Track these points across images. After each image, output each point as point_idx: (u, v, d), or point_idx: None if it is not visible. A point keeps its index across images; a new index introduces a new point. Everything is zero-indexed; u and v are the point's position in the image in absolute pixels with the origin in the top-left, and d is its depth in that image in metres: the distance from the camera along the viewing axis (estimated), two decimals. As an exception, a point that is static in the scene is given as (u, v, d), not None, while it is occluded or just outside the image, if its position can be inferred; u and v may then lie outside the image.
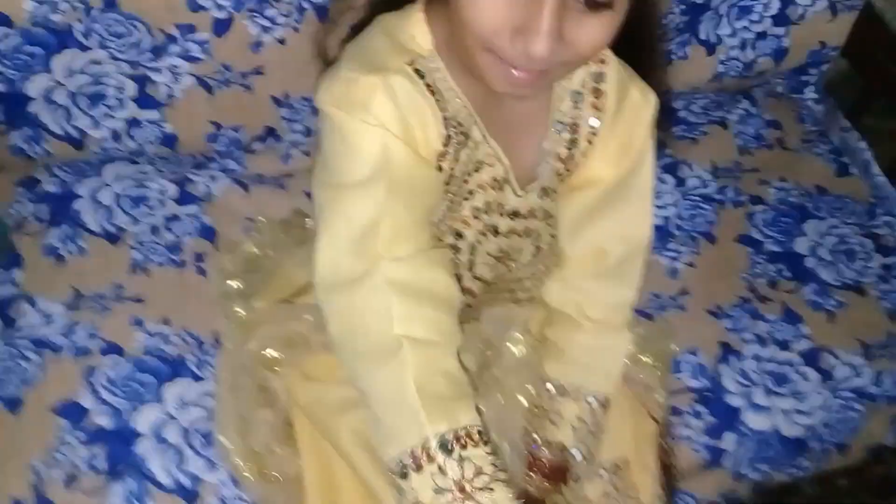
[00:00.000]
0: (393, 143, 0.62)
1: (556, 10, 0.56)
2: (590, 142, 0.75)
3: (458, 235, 0.77)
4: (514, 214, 0.77)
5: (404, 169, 0.63)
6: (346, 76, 0.63)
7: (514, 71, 0.60)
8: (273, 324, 0.83)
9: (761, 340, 0.99)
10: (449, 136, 0.67)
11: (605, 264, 0.80)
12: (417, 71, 0.65)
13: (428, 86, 0.65)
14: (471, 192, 0.73)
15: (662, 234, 1.08)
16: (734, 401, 0.94)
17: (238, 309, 0.86)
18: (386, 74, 0.63)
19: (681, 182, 1.14)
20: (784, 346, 0.99)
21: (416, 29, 0.66)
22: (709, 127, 1.21)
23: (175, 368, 0.87)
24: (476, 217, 0.75)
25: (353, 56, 0.67)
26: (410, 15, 0.67)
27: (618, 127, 0.75)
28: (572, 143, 0.75)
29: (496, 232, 0.77)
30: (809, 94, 1.28)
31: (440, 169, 0.68)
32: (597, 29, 0.59)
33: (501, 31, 0.58)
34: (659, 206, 1.10)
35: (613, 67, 0.73)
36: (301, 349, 0.82)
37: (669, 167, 1.15)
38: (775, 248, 1.08)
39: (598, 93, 0.73)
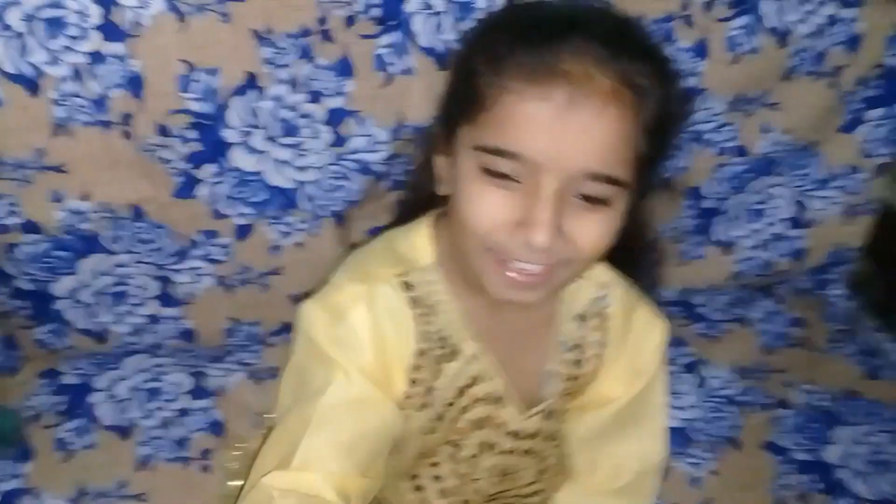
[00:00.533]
0: (352, 381, 0.65)
1: (555, 202, 0.59)
2: (595, 364, 0.77)
3: (457, 447, 0.78)
4: (515, 434, 0.77)
5: (349, 405, 0.65)
6: (334, 282, 0.69)
7: (513, 274, 0.62)
8: None
9: (789, 561, 0.93)
10: (423, 351, 0.69)
11: (617, 483, 0.80)
12: (406, 283, 0.69)
13: (413, 299, 0.68)
14: (466, 406, 0.75)
15: (682, 438, 1.05)
16: None
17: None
18: (371, 284, 0.67)
19: (701, 382, 1.12)
20: (814, 568, 0.92)
21: (419, 241, 0.71)
22: (730, 325, 1.21)
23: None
24: (473, 431, 0.77)
25: (347, 264, 0.72)
26: (417, 227, 0.72)
27: (625, 349, 0.77)
28: (577, 364, 0.77)
29: (494, 450, 0.78)
30: (835, 291, 1.28)
31: (413, 382, 0.70)
32: (595, 225, 0.62)
33: (501, 227, 0.61)
34: (678, 408, 1.08)
35: (618, 291, 0.76)
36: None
37: (690, 366, 1.14)
38: (804, 457, 1.04)
39: (602, 316, 0.76)
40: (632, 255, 0.78)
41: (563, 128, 0.58)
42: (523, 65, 0.59)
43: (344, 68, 0.86)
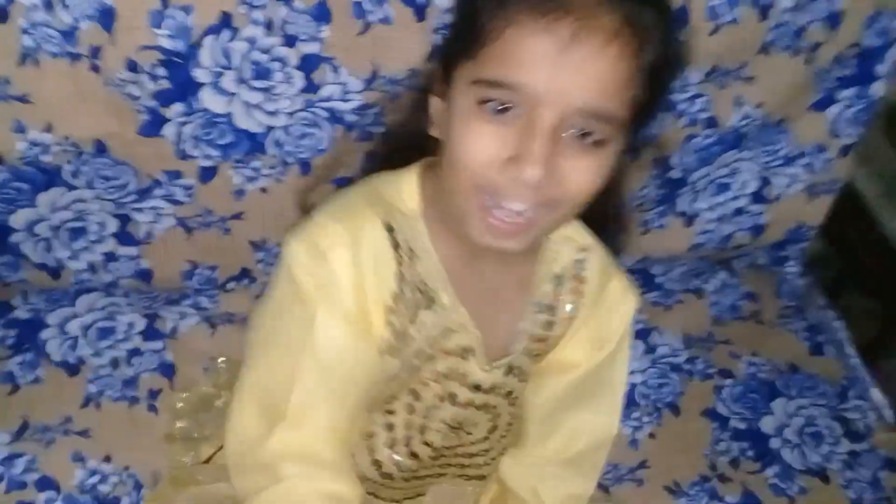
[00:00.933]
0: (335, 326, 0.69)
1: (551, 137, 0.62)
2: (565, 327, 0.80)
3: (416, 396, 0.82)
4: (476, 387, 0.81)
5: (337, 352, 0.69)
6: (316, 220, 0.71)
7: (497, 221, 0.65)
8: (198, 486, 0.88)
9: (717, 524, 1.03)
10: (401, 294, 0.72)
11: (568, 453, 0.84)
12: (388, 226, 0.71)
13: (394, 240, 0.71)
14: (433, 357, 0.78)
15: (627, 401, 1.12)
16: (685, 587, 0.97)
17: (180, 454, 0.91)
18: (354, 222, 0.70)
19: (651, 349, 1.20)
20: (741, 531, 1.02)
21: (405, 186, 0.74)
22: (684, 295, 1.28)
23: (109, 510, 0.90)
24: (436, 381, 0.80)
25: (330, 204, 0.74)
26: (403, 174, 0.75)
27: (595, 316, 0.81)
28: (548, 326, 0.80)
29: (454, 401, 0.82)
30: (790, 268, 1.36)
31: (390, 325, 0.73)
32: (587, 167, 0.65)
33: (493, 162, 0.63)
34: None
35: (597, 256, 0.80)
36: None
37: (641, 333, 1.21)
38: (740, 426, 1.13)
39: (579, 279, 0.80)
40: (600, 220, 0.83)
41: (565, 62, 0.61)
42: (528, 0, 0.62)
43: (321, 13, 0.88)
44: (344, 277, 0.69)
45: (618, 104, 0.64)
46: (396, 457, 0.86)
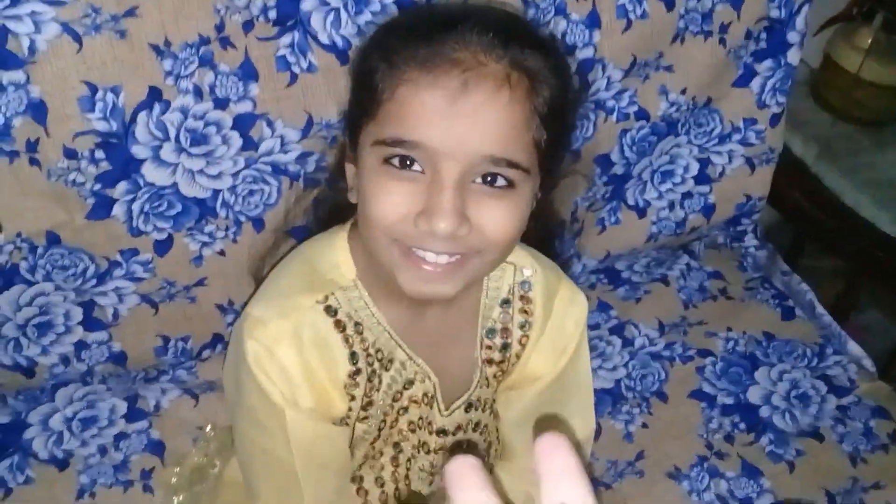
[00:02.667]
0: (302, 421, 0.72)
1: (457, 189, 0.63)
2: (522, 344, 0.82)
3: (398, 448, 0.84)
4: (442, 432, 0.83)
5: (312, 442, 0.73)
6: (259, 315, 0.72)
7: (425, 267, 0.65)
8: None
9: (723, 500, 1.03)
10: (357, 370, 0.74)
11: None
12: (329, 308, 0.73)
13: (338, 322, 0.73)
14: (405, 408, 0.80)
15: (614, 397, 1.14)
16: (700, 567, 0.97)
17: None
18: (294, 315, 0.71)
19: (628, 342, 1.21)
20: (747, 502, 1.03)
21: (339, 257, 0.75)
22: (651, 285, 1.30)
23: None
24: (412, 431, 0.82)
25: (268, 292, 0.76)
26: (334, 242, 0.76)
27: (549, 328, 0.82)
28: (505, 347, 0.82)
29: (427, 450, 0.84)
30: (750, 241, 1.39)
31: (352, 398, 0.75)
32: (501, 211, 0.66)
33: (404, 218, 0.64)
34: (608, 369, 1.17)
35: (539, 275, 0.81)
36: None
37: (616, 329, 1.23)
38: (728, 401, 1.15)
39: (526, 300, 0.81)
40: (549, 234, 0.85)
41: (457, 112, 0.62)
42: (415, 56, 0.64)
43: (247, 72, 0.90)
44: (294, 372, 0.71)
45: (518, 148, 0.65)
46: None
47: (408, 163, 0.64)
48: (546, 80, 0.66)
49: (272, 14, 0.88)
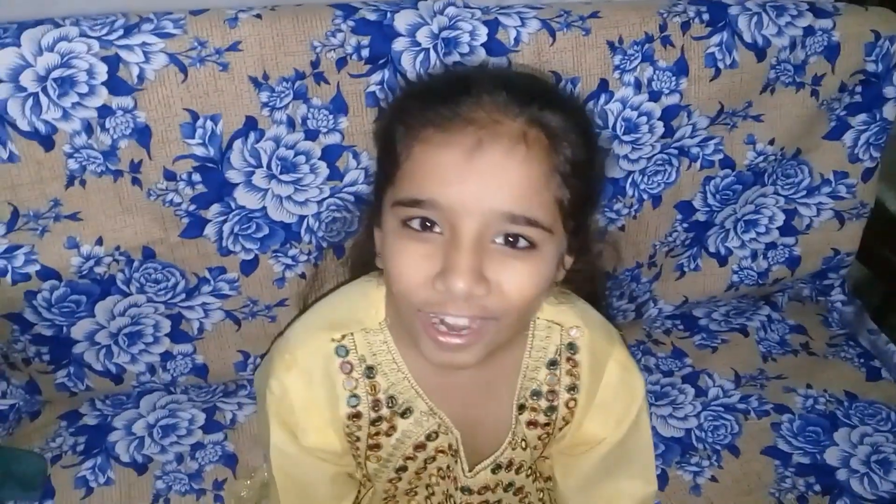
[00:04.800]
0: (283, 439, 0.76)
1: (474, 247, 0.61)
2: (569, 408, 0.80)
3: (430, 490, 0.84)
4: (466, 490, 0.82)
5: (288, 460, 0.77)
6: (284, 343, 0.76)
7: (442, 337, 0.64)
8: None
9: (791, 562, 0.99)
10: (356, 413, 0.76)
11: None
12: (341, 347, 0.74)
13: (345, 363, 0.74)
14: (433, 457, 0.80)
15: (683, 447, 1.11)
16: None
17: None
18: (309, 349, 0.74)
19: (701, 392, 1.19)
20: (816, 567, 0.99)
21: (373, 300, 0.76)
22: (730, 335, 1.27)
23: None
24: (442, 478, 0.82)
25: (302, 320, 0.79)
26: (373, 287, 0.77)
27: (601, 391, 0.80)
28: (550, 411, 0.80)
29: (454, 502, 0.83)
30: (837, 296, 1.34)
31: (357, 438, 0.77)
32: (521, 272, 0.64)
33: (425, 280, 0.63)
34: (679, 419, 1.15)
35: (587, 337, 0.79)
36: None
37: (689, 377, 1.20)
38: (804, 460, 1.10)
39: (572, 362, 0.79)
40: (593, 296, 0.84)
41: (472, 169, 0.61)
42: (432, 117, 0.64)
43: (338, 106, 0.94)
44: (296, 399, 0.74)
45: (537, 207, 0.63)
46: None
47: (427, 224, 0.64)
48: (567, 138, 0.65)
49: (365, 52, 0.92)
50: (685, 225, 1.18)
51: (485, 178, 0.62)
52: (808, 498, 1.06)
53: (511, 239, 0.63)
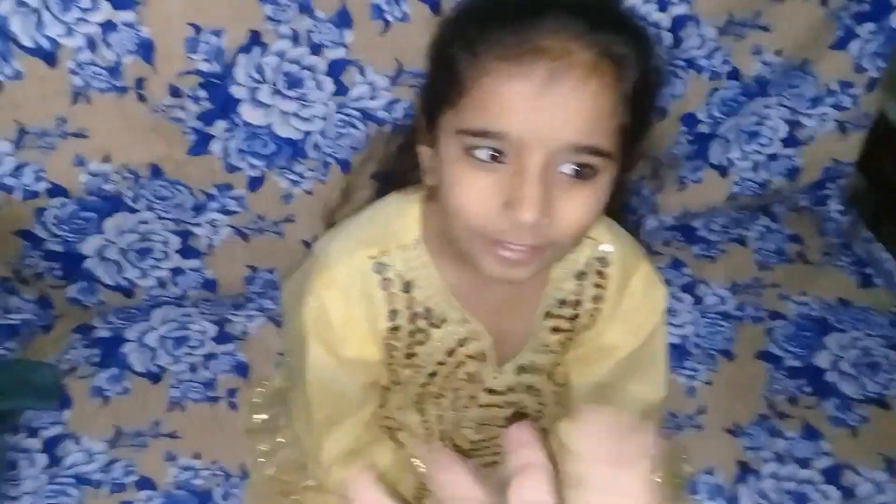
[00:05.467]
0: (322, 354, 0.76)
1: (541, 178, 0.61)
2: (592, 316, 0.82)
3: (456, 394, 0.86)
4: (491, 391, 0.85)
5: (325, 372, 0.78)
6: (323, 260, 0.76)
7: (504, 252, 0.65)
8: (290, 448, 0.94)
9: (780, 458, 1.04)
10: (396, 327, 0.77)
11: None
12: (380, 264, 0.75)
13: (385, 280, 0.75)
14: (462, 362, 0.82)
15: (680, 352, 1.14)
16: (754, 523, 0.99)
17: (260, 444, 0.96)
18: (347, 266, 0.75)
19: (698, 300, 1.21)
20: (804, 463, 1.03)
21: (408, 216, 0.76)
22: (727, 245, 1.29)
23: (203, 501, 0.97)
24: (469, 382, 0.84)
25: (337, 237, 0.79)
26: (407, 202, 0.77)
27: (625, 303, 0.81)
28: (573, 318, 0.82)
29: (477, 403, 0.86)
30: (833, 206, 1.35)
31: (394, 348, 0.79)
32: (582, 200, 0.64)
33: (488, 211, 0.63)
34: (676, 325, 1.18)
35: (616, 252, 0.80)
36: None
37: (687, 286, 1.23)
38: (795, 364, 1.14)
39: (601, 275, 0.80)
40: (624, 208, 0.84)
41: (544, 103, 0.60)
42: (500, 45, 0.61)
43: (342, 19, 0.92)
44: (335, 316, 0.75)
45: (604, 136, 0.63)
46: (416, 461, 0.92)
47: (492, 154, 0.63)
48: (633, 65, 0.64)
49: (370, -38, 0.89)
50: (689, 137, 1.18)
51: (555, 111, 0.61)
52: (799, 399, 1.10)
53: (573, 166, 0.63)
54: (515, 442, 0.37)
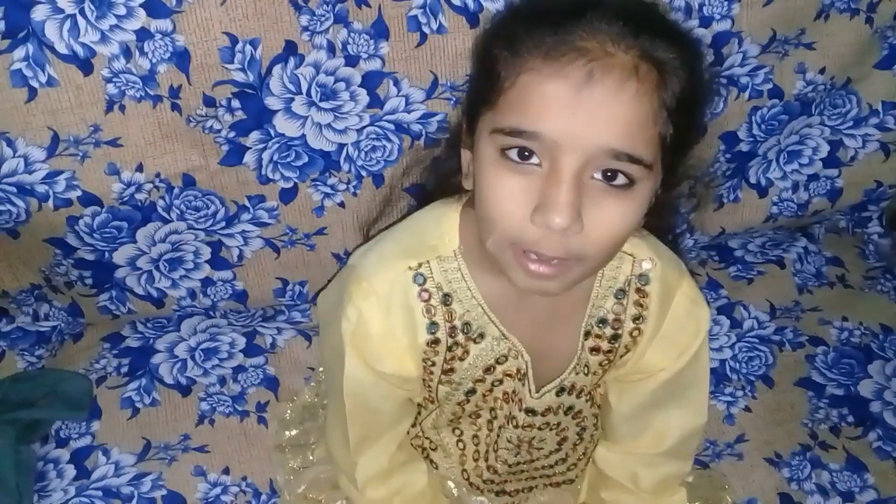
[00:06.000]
0: (359, 368, 0.74)
1: (575, 183, 0.59)
2: (633, 337, 0.79)
3: (493, 413, 0.84)
4: (530, 412, 0.82)
5: (362, 387, 0.75)
6: (360, 272, 0.74)
7: (532, 266, 0.63)
8: (321, 466, 0.92)
9: (823, 491, 0.99)
10: (436, 340, 0.75)
11: (660, 448, 0.84)
12: (419, 276, 0.73)
13: (424, 291, 0.73)
14: (500, 380, 0.79)
15: (718, 377, 1.11)
16: (796, 557, 0.95)
17: (291, 461, 0.94)
18: (387, 278, 0.72)
19: (736, 324, 1.17)
20: (849, 497, 0.99)
21: (446, 227, 0.74)
22: (766, 266, 1.25)
23: (232, 519, 0.95)
24: (506, 402, 0.82)
25: (374, 249, 0.77)
26: (446, 212, 0.75)
27: (667, 324, 0.79)
28: (614, 338, 0.79)
29: (515, 424, 0.83)
30: (874, 228, 1.31)
31: (432, 363, 0.76)
32: (616, 211, 0.62)
33: (522, 215, 0.61)
34: (714, 349, 1.14)
35: (659, 270, 0.77)
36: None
37: (724, 308, 1.19)
38: (838, 392, 1.10)
39: (642, 293, 0.78)
40: (669, 230, 0.82)
41: (581, 104, 0.58)
42: (540, 44, 0.60)
43: (379, 30, 0.90)
44: (373, 327, 0.72)
45: (642, 143, 0.60)
46: (451, 483, 0.90)
47: (526, 154, 0.61)
48: (677, 73, 0.62)
49: (408, -26, 0.88)
50: (728, 155, 1.14)
51: (592, 113, 0.59)
52: (841, 429, 1.06)
53: (610, 174, 0.61)
54: None
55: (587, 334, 0.78)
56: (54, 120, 0.87)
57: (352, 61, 0.91)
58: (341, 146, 0.97)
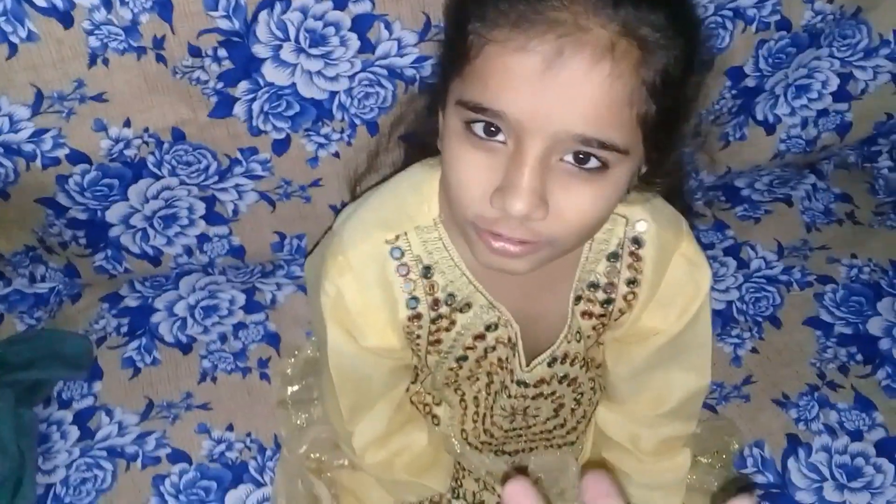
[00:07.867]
0: (343, 341, 0.73)
1: (538, 167, 0.55)
2: (627, 301, 0.76)
3: (490, 378, 0.82)
4: (522, 384, 0.80)
5: (347, 359, 0.74)
6: (339, 242, 0.72)
7: (495, 243, 0.59)
8: (321, 425, 0.92)
9: (832, 431, 0.99)
10: (417, 314, 0.73)
11: (662, 409, 0.82)
12: (396, 249, 0.70)
13: (402, 265, 0.70)
14: (493, 347, 0.77)
15: (724, 319, 1.09)
16: (804, 497, 0.95)
17: (293, 417, 0.94)
18: (363, 251, 0.70)
19: (743, 264, 1.16)
20: (857, 436, 0.98)
21: (426, 195, 0.71)
22: (773, 205, 1.23)
23: (237, 474, 0.95)
24: (501, 368, 0.80)
25: (355, 216, 0.74)
26: (425, 179, 0.71)
27: (664, 285, 0.75)
28: (607, 302, 0.76)
29: (508, 393, 0.81)
30: (884, 162, 1.29)
31: (417, 336, 0.75)
32: (585, 197, 0.57)
33: (483, 194, 0.57)
34: (720, 291, 1.12)
35: (654, 232, 0.73)
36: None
37: (731, 249, 1.17)
38: (846, 331, 1.08)
39: (636, 256, 0.74)
40: (673, 191, 0.78)
41: (547, 84, 0.53)
42: (510, 11, 0.54)
43: (368, -30, 0.87)
44: (351, 303, 0.71)
45: (615, 128, 0.55)
46: (454, 440, 0.89)
47: (492, 130, 0.57)
48: (663, 48, 0.55)
49: None
50: (734, 91, 1.11)
51: (559, 95, 0.53)
52: (850, 367, 1.05)
53: (582, 157, 0.56)
54: (594, 493, 0.36)
55: (578, 299, 0.75)
56: (37, 76, 0.84)
57: (340, 4, 0.88)
58: (333, 94, 0.94)
